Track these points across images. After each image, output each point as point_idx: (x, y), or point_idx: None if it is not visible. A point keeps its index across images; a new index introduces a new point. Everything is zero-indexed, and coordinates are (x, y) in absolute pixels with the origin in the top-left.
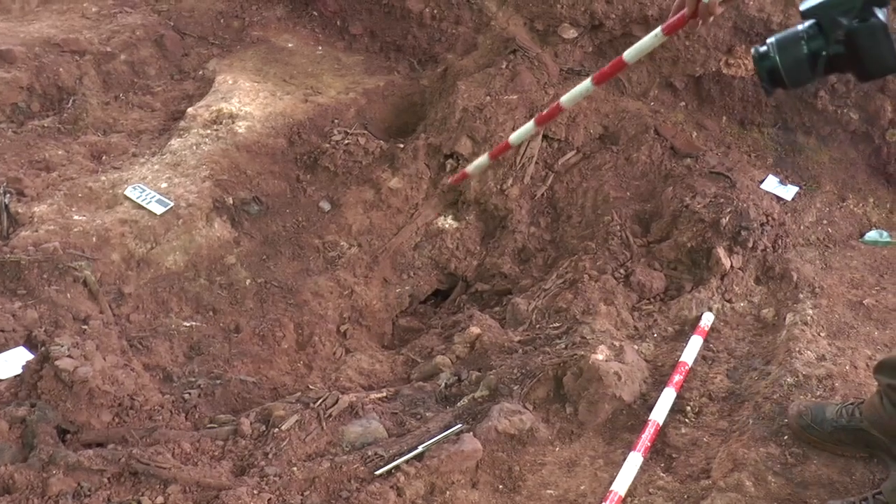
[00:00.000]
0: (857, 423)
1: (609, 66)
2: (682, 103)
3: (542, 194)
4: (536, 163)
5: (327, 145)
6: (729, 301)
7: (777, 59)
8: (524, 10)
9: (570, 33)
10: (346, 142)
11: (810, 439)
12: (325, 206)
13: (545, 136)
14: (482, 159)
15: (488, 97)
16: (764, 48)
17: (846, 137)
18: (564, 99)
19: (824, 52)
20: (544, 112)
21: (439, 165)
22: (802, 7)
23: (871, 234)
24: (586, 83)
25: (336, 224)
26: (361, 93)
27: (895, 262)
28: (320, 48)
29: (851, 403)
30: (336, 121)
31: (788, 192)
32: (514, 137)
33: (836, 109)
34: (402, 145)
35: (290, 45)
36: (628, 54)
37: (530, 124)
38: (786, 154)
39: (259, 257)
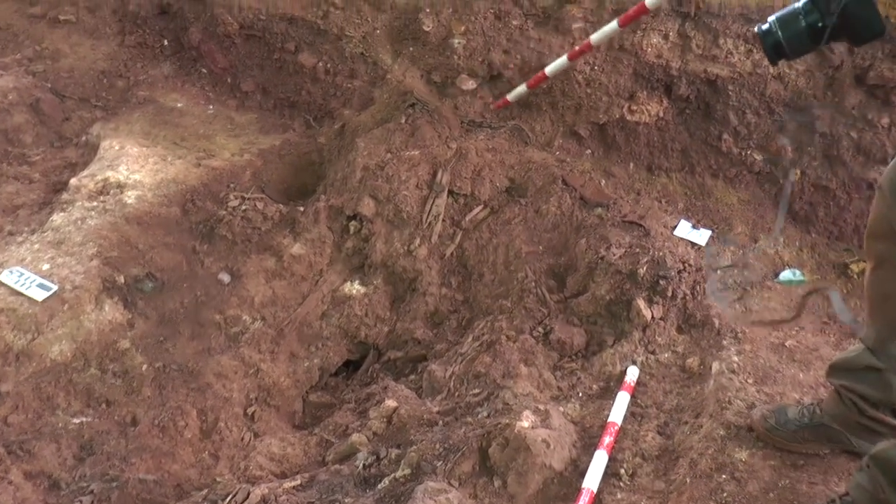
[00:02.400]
0: (819, 419)
1: (633, 10)
2: (589, 151)
3: (452, 253)
4: (443, 220)
5: (224, 212)
6: (653, 353)
7: (779, 34)
8: (420, 63)
9: (469, 84)
10: (244, 207)
11: (775, 440)
12: (225, 277)
13: (451, 193)
14: (521, 88)
15: (389, 154)
16: (766, 26)
17: (752, 178)
18: (594, 37)
19: (820, 24)
20: (576, 48)
21: (342, 228)
22: None
23: (786, 274)
24: (612, 24)
25: (237, 297)
26: (257, 153)
27: (809, 300)
28: (211, 107)
29: (811, 404)
30: (232, 185)
31: (702, 236)
32: (550, 69)
33: (740, 151)
34: (302, 208)
35: (179, 104)
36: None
37: (563, 58)
38: (696, 198)
39: (156, 339)
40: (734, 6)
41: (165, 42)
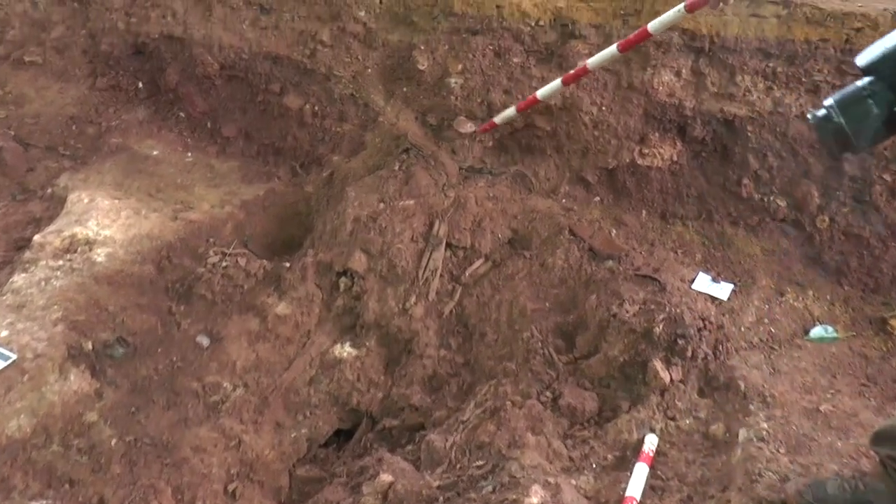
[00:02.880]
0: (862, 494)
1: (634, 35)
2: (597, 199)
3: (451, 311)
4: (441, 276)
5: (202, 269)
6: (672, 419)
7: (842, 120)
8: (414, 104)
9: (468, 127)
10: (224, 264)
11: None
12: (204, 341)
13: (449, 245)
14: (509, 111)
15: (382, 204)
16: (823, 111)
17: (776, 226)
18: (591, 61)
19: None
20: (571, 72)
21: (332, 285)
22: (860, 61)
23: (817, 331)
24: (612, 49)
25: (217, 362)
26: (239, 205)
27: (845, 360)
28: (190, 154)
29: (853, 477)
30: (211, 240)
31: (723, 290)
32: (542, 92)
33: (761, 197)
34: (288, 264)
35: (154, 152)
36: (653, 25)
37: (557, 82)
38: (715, 248)
39: (126, 410)
40: (751, 40)
41: (140, 84)
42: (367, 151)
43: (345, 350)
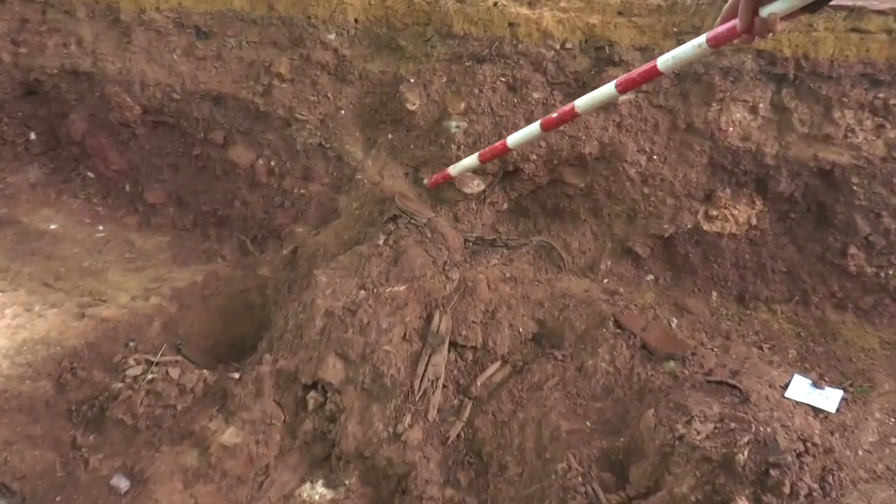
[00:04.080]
0: None
1: (639, 73)
2: (650, 277)
3: (459, 435)
4: (444, 387)
5: (120, 385)
6: None
7: None
8: (403, 156)
9: (475, 185)
10: (150, 376)
11: None
12: (122, 483)
13: (453, 345)
14: (470, 160)
15: (363, 291)
16: None
17: None
18: (581, 102)
19: None
20: (554, 115)
21: (297, 402)
22: None
23: None
24: (609, 88)
25: None
26: (169, 295)
27: None
28: (102, 227)
29: None
30: (132, 343)
31: (829, 399)
32: (512, 140)
33: (876, 271)
34: (237, 375)
35: (52, 226)
36: (663, 62)
37: (535, 126)
38: (814, 341)
39: None
40: (852, 63)
41: (33, 135)
42: (341, 221)
43: (317, 491)
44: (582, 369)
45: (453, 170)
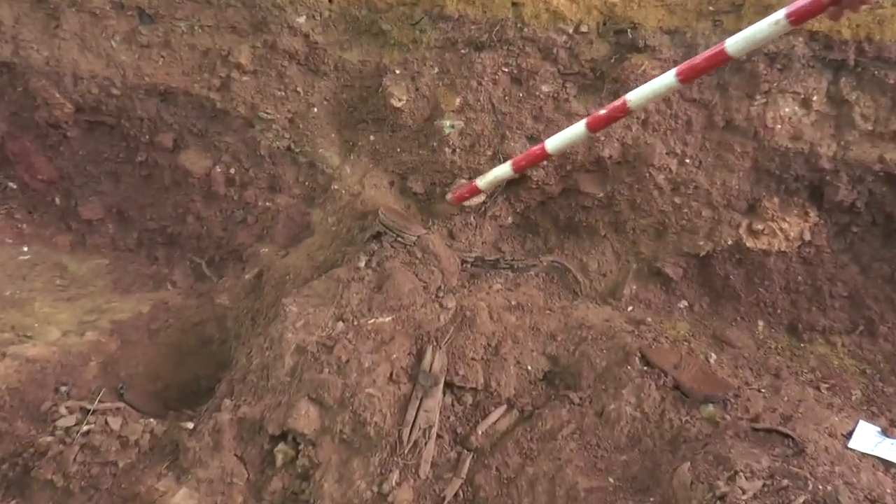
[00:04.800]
0: None
1: (704, 58)
2: (683, 304)
3: (457, 495)
4: (439, 436)
5: (49, 438)
6: None
7: None
8: (388, 162)
9: (475, 197)
10: (86, 427)
11: None
12: None
13: (449, 387)
14: (503, 168)
15: (341, 323)
16: None
17: None
18: (633, 96)
19: None
20: (602, 112)
21: (263, 457)
22: None
23: None
24: (668, 77)
25: None
26: (109, 329)
27: None
28: (27, 248)
29: None
30: (64, 388)
31: None
32: (553, 144)
33: None
34: (191, 424)
35: None
36: (733, 44)
37: (579, 127)
38: (883, 380)
39: None
40: None
41: None
42: (314, 239)
43: None
44: (603, 415)
45: (481, 181)
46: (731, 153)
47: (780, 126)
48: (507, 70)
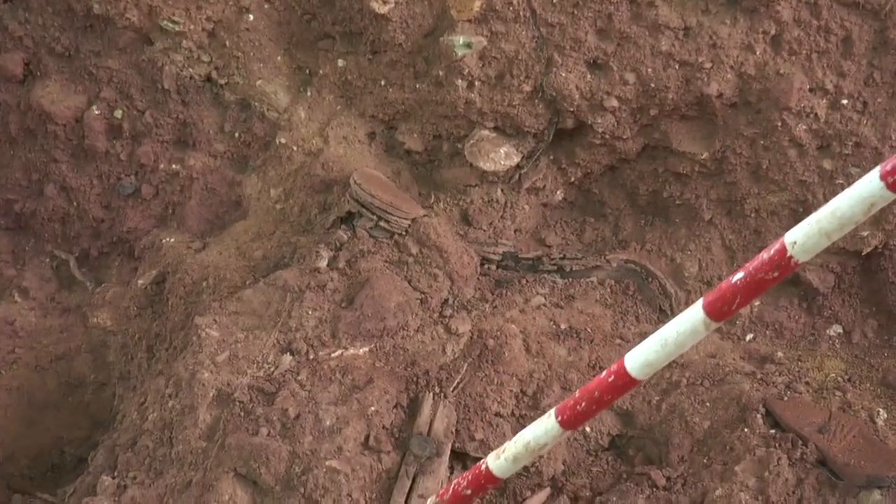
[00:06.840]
0: None
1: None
2: (836, 330)
3: None
4: None
5: None
6: None
7: None
8: (367, 101)
9: (502, 156)
10: None
11: None
12: None
13: (459, 457)
14: (545, 426)
15: (288, 356)
16: None
17: None
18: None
19: None
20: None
21: None
22: None
23: None
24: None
25: None
26: None
27: None
28: None
29: None
30: None
31: None
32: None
33: None
34: None
35: None
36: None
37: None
38: None
39: None
40: None
41: None
42: (247, 223)
43: None
44: (706, 501)
45: (498, 463)
46: None
47: None
48: None
